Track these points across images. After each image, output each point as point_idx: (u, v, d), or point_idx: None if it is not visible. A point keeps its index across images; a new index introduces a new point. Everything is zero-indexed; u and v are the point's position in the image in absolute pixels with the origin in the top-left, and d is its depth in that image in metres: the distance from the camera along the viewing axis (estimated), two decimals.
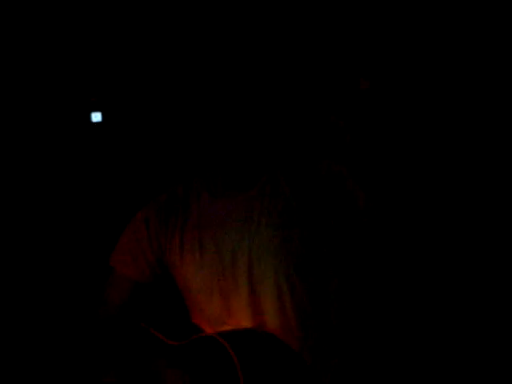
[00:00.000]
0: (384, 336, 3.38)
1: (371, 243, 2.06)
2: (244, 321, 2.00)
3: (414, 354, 3.62)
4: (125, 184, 3.67)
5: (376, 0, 4.32)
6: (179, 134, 3.70)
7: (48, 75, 4.06)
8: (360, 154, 3.38)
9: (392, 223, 2.14)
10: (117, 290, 2.27)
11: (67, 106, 4.20)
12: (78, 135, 4.01)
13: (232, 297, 2.02)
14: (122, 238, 2.31)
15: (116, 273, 2.28)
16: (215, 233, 2.08)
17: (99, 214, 3.98)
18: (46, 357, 3.15)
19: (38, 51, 3.92)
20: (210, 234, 2.09)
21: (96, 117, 4.09)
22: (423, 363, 3.61)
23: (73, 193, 3.97)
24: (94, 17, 4.28)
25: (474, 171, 3.46)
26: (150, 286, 2.25)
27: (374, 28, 4.36)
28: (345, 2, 4.37)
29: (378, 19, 4.39)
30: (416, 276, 3.31)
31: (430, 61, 4.00)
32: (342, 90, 3.96)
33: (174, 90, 3.98)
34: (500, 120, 3.69)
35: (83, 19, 4.25)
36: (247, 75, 2.14)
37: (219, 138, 2.09)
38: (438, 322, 3.71)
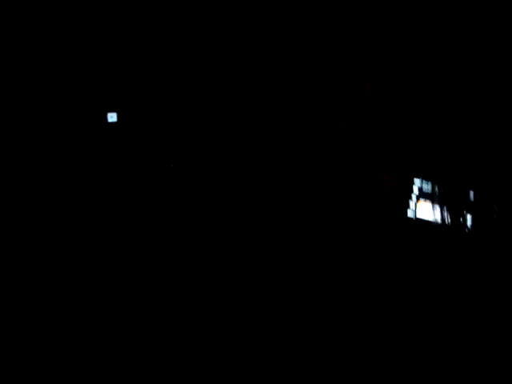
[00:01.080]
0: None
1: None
2: None
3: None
4: (138, 181, 3.81)
5: (378, 3, 4.37)
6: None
7: (68, 80, 4.22)
8: (361, 154, 3.47)
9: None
10: None
11: (85, 107, 4.36)
12: (95, 134, 4.18)
13: None
14: None
15: None
16: None
17: (113, 210, 4.14)
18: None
19: (57, 57, 4.08)
20: None
21: (112, 117, 4.28)
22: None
23: (88, 188, 4.14)
24: (109, 22, 4.41)
25: (473, 168, 3.52)
26: None
27: (376, 31, 4.41)
28: (348, 5, 4.43)
29: (380, 22, 4.44)
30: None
31: (431, 63, 4.05)
32: (344, 92, 4.04)
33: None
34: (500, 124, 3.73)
35: (100, 25, 4.37)
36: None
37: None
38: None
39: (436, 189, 3.48)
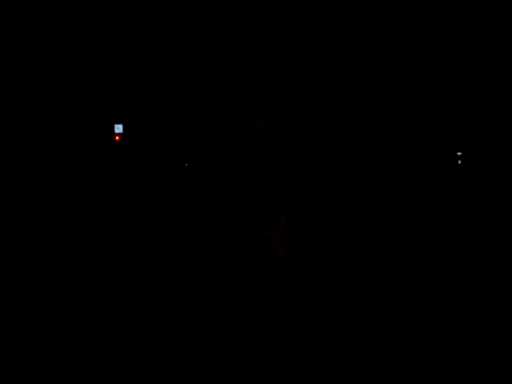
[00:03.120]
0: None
1: None
2: None
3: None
4: (144, 185, 3.93)
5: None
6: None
7: (76, 92, 4.38)
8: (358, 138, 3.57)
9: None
10: None
11: (97, 118, 4.52)
12: (103, 144, 4.33)
13: None
14: None
15: None
16: None
17: (122, 214, 4.26)
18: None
19: (65, 68, 4.23)
20: None
21: (118, 128, 4.43)
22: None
23: (97, 192, 4.26)
24: (117, 35, 4.58)
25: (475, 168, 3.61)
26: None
27: (374, 25, 4.53)
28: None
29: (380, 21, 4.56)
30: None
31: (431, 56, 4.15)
32: (345, 66, 4.14)
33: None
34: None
35: (108, 37, 4.55)
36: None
37: None
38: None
39: None
